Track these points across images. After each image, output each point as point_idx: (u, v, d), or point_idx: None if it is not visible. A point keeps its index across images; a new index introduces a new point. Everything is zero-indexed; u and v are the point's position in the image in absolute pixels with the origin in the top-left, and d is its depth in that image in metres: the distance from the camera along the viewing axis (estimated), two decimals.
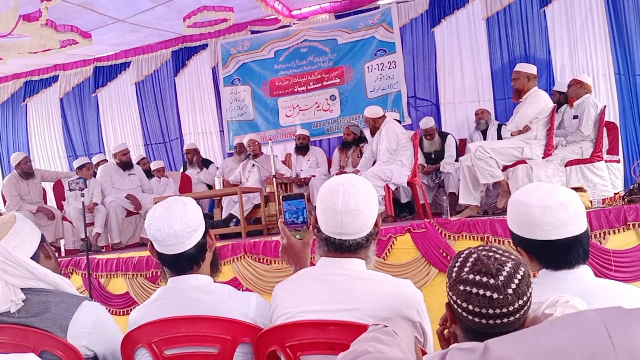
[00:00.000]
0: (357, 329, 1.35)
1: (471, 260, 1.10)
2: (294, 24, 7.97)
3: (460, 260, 1.13)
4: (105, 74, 8.97)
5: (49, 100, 9.28)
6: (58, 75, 9.14)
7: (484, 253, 1.10)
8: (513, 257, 1.11)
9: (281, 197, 1.94)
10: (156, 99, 8.81)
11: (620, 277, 3.55)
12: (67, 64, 9.02)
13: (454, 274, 1.11)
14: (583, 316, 0.77)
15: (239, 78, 8.36)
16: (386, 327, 1.17)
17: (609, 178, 5.10)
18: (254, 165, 6.69)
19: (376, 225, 1.60)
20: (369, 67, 7.75)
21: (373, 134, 5.94)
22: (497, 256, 1.09)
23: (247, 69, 8.32)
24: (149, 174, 7.29)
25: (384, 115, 5.91)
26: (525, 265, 1.11)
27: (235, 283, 4.48)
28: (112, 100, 9.02)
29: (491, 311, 1.04)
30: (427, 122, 6.70)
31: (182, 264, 1.73)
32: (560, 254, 1.50)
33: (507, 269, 1.06)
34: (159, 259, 1.76)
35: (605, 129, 5.33)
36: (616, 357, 0.70)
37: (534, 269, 1.60)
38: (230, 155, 8.11)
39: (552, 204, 1.47)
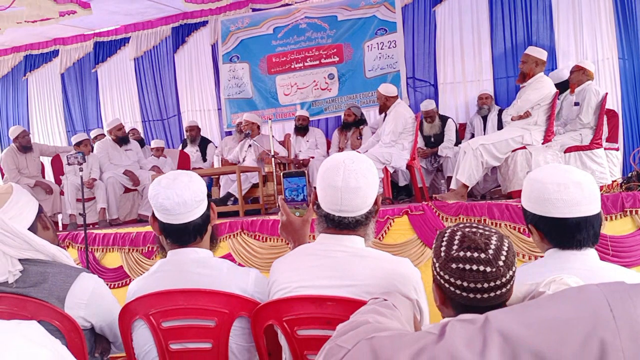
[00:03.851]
0: (354, 305, 1.35)
1: (457, 237, 1.10)
2: (295, 2, 7.88)
3: (445, 239, 1.12)
4: (105, 49, 8.89)
5: (50, 75, 9.21)
6: (58, 49, 9.07)
7: (467, 229, 1.11)
8: (494, 230, 1.12)
9: (282, 174, 1.94)
10: (154, 75, 8.74)
11: (617, 262, 3.56)
12: (66, 37, 8.96)
13: (442, 253, 1.10)
14: (585, 290, 0.77)
15: (237, 55, 8.29)
16: (385, 300, 1.17)
17: (607, 165, 5.09)
18: (250, 146, 6.66)
19: (376, 203, 1.59)
20: (368, 46, 7.68)
21: (381, 112, 5.92)
22: (481, 231, 1.10)
23: (245, 45, 8.24)
24: (141, 143, 7.27)
25: (397, 96, 5.88)
26: (508, 237, 1.12)
27: (228, 258, 4.48)
28: (111, 75, 8.95)
29: (486, 285, 1.05)
30: (428, 105, 6.66)
31: (188, 234, 1.73)
32: (569, 233, 1.51)
33: (493, 241, 1.07)
34: (163, 230, 1.75)
35: (605, 116, 5.31)
36: (617, 330, 0.70)
37: (542, 248, 1.61)
38: (229, 133, 8.08)
39: (567, 182, 1.49)
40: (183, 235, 1.73)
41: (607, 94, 5.25)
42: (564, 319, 0.73)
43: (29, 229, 1.74)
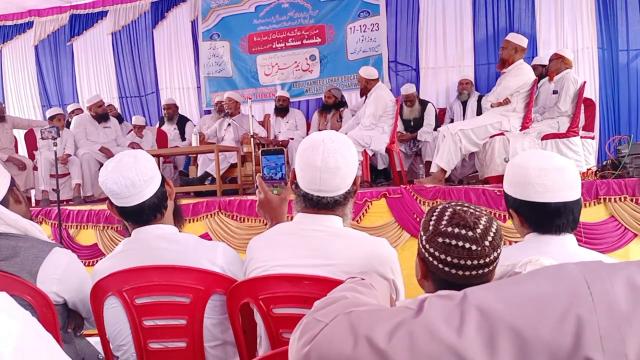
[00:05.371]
0: (331, 284, 1.35)
1: (447, 213, 1.11)
2: None
3: (435, 214, 1.13)
4: (82, 22, 8.69)
5: (24, 47, 8.99)
6: (32, 21, 8.84)
7: (458, 207, 1.12)
8: (485, 212, 1.13)
9: (260, 152, 1.91)
10: (132, 51, 8.58)
11: (589, 248, 3.62)
12: (42, 9, 8.74)
13: (430, 227, 1.11)
14: (563, 267, 0.78)
15: (217, 33, 8.17)
16: (363, 279, 1.17)
17: (582, 153, 5.17)
18: (229, 125, 6.60)
19: (354, 183, 1.59)
20: (350, 28, 7.63)
21: (362, 95, 5.91)
22: (472, 210, 1.11)
23: (226, 23, 8.12)
24: (119, 120, 7.16)
25: (378, 79, 5.86)
26: (497, 220, 1.13)
27: (205, 238, 4.47)
28: (88, 50, 8.76)
29: (469, 262, 1.06)
30: (408, 88, 6.67)
31: (145, 213, 1.69)
32: (549, 218, 1.53)
33: (482, 222, 1.09)
34: (121, 214, 1.71)
35: (582, 105, 5.37)
36: (594, 307, 0.71)
37: (522, 232, 1.63)
38: (207, 112, 8.00)
39: (549, 167, 1.51)
40: (141, 215, 1.70)
41: (585, 82, 5.31)
42: (542, 295, 0.74)
43: (0, 202, 1.69)
